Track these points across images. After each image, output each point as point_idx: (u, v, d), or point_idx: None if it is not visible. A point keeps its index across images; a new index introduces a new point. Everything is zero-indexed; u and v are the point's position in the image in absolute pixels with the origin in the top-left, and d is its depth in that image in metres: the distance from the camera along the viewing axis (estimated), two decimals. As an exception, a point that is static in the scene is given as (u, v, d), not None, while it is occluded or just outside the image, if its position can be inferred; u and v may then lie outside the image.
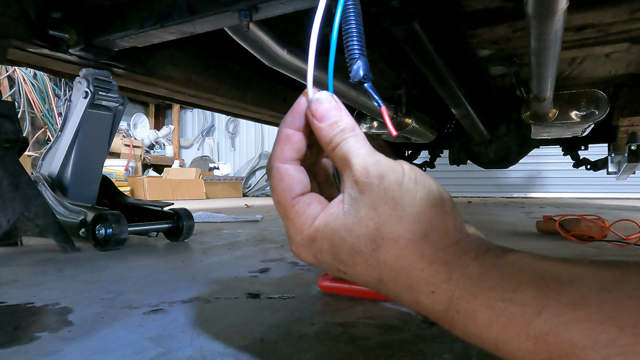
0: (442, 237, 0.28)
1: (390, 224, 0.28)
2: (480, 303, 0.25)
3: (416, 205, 0.28)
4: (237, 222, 2.41)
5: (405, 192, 0.28)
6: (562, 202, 5.21)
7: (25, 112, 5.00)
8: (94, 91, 1.38)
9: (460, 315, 0.26)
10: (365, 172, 0.29)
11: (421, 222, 0.28)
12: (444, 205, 0.29)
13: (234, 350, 0.58)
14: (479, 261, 0.27)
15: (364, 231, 0.28)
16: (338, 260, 0.30)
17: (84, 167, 1.53)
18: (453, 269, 0.27)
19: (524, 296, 0.24)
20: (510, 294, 0.24)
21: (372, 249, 0.28)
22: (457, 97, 1.57)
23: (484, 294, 0.25)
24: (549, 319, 0.23)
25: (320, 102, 0.32)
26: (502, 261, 0.26)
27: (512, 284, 0.25)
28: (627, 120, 1.93)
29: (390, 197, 0.28)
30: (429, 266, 0.27)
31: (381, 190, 0.28)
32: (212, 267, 1.14)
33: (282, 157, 0.32)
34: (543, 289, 0.24)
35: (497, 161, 2.48)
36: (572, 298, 0.23)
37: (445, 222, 0.28)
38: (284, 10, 0.91)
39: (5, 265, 1.16)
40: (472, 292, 0.26)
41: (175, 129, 8.73)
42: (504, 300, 0.24)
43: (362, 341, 0.61)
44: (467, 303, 0.26)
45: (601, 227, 1.62)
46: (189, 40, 1.50)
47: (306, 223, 0.31)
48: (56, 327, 0.68)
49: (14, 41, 1.12)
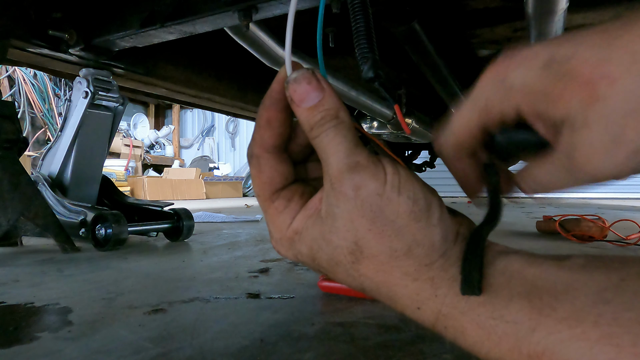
0: (427, 252, 0.25)
1: (369, 239, 0.25)
2: (469, 320, 0.24)
3: (398, 219, 0.25)
4: (237, 222, 2.41)
5: (386, 203, 0.25)
6: (562, 202, 5.21)
7: (25, 112, 5.00)
8: (94, 91, 1.38)
9: (449, 331, 0.25)
10: (340, 179, 0.25)
11: (404, 238, 0.25)
12: (430, 216, 0.26)
13: (234, 350, 0.58)
14: None
15: (342, 243, 0.26)
16: (318, 265, 0.28)
17: (84, 167, 1.53)
18: (439, 286, 0.25)
19: (515, 312, 0.22)
20: (501, 310, 0.23)
21: (352, 262, 0.26)
22: (458, 97, 1.57)
23: (473, 310, 0.24)
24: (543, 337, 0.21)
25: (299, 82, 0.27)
26: (492, 270, 0.24)
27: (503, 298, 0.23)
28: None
29: (368, 210, 0.25)
30: (412, 283, 0.25)
31: (358, 202, 0.25)
32: (212, 267, 1.14)
33: (263, 144, 0.29)
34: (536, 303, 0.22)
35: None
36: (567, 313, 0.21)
37: (430, 235, 0.25)
38: (284, 10, 0.91)
39: (5, 265, 1.16)
40: (460, 309, 0.24)
41: (175, 129, 8.73)
42: (495, 318, 0.23)
43: (362, 341, 0.61)
44: (455, 320, 0.24)
45: (601, 227, 1.62)
46: (189, 40, 1.50)
47: (285, 222, 0.28)
48: (56, 327, 0.68)
49: (14, 41, 1.12)
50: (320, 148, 0.26)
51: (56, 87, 5.32)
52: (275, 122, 0.29)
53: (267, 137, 0.28)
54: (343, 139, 0.26)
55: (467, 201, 5.29)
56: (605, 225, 1.62)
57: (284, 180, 0.29)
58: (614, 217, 2.25)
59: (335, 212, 0.26)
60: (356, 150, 0.26)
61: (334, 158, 0.26)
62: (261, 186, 0.29)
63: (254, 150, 0.29)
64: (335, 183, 0.26)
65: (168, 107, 9.07)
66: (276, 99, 0.29)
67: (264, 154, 0.29)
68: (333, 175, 0.26)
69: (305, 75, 0.27)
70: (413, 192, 0.25)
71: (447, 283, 0.25)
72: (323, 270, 0.28)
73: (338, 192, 0.25)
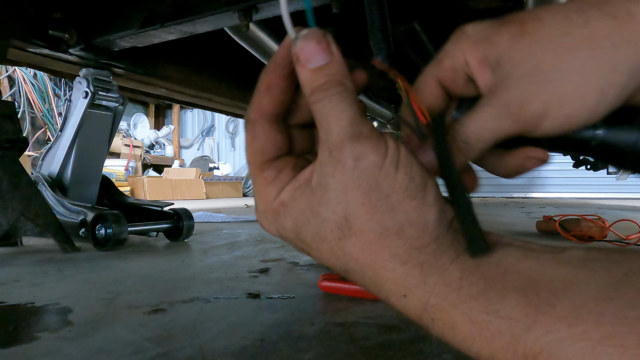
0: (420, 233, 0.24)
1: (361, 214, 0.24)
2: (460, 314, 0.22)
3: (393, 194, 0.24)
4: (237, 222, 2.41)
5: (383, 177, 0.24)
6: (562, 202, 5.21)
7: (25, 112, 5.00)
8: (94, 91, 1.38)
9: (437, 324, 0.23)
10: (341, 147, 0.24)
11: (396, 215, 0.24)
12: (426, 196, 0.24)
13: (234, 350, 0.58)
14: (459, 262, 0.23)
15: (330, 216, 0.24)
16: (301, 241, 0.27)
17: (84, 167, 1.53)
18: (428, 272, 0.23)
19: (511, 307, 0.21)
20: (495, 305, 0.21)
21: (338, 238, 0.25)
22: (457, 97, 1.57)
23: (464, 303, 0.22)
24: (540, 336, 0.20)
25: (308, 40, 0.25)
26: (486, 262, 0.23)
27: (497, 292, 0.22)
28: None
29: (365, 183, 0.24)
30: (400, 267, 0.24)
31: (355, 173, 0.24)
32: (212, 267, 1.14)
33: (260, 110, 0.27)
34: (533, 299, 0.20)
35: (497, 161, 2.48)
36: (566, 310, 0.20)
37: (424, 215, 0.24)
38: (284, 10, 0.91)
39: (5, 265, 1.16)
40: (451, 301, 0.22)
41: (175, 129, 8.73)
42: (488, 313, 0.21)
43: (362, 341, 0.61)
44: (444, 313, 0.23)
45: (601, 227, 1.62)
46: (189, 40, 1.50)
47: (272, 194, 0.27)
48: (56, 327, 0.68)
49: (14, 41, 1.12)
50: (321, 114, 0.25)
51: (56, 87, 5.32)
52: (275, 88, 0.28)
53: (265, 102, 0.27)
54: (348, 106, 0.25)
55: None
56: (605, 225, 1.62)
57: (277, 150, 0.28)
58: (614, 217, 2.26)
59: (328, 183, 0.24)
60: (360, 119, 0.25)
61: (336, 125, 0.24)
62: (253, 153, 0.28)
63: (250, 114, 0.28)
64: (335, 151, 0.24)
65: (168, 107, 9.07)
66: (279, 64, 0.27)
67: (260, 120, 0.28)
68: (333, 143, 0.24)
69: (316, 34, 0.25)
70: (410, 169, 0.24)
71: (438, 271, 0.23)
72: (306, 248, 0.27)
73: (336, 161, 0.24)
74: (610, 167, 2.43)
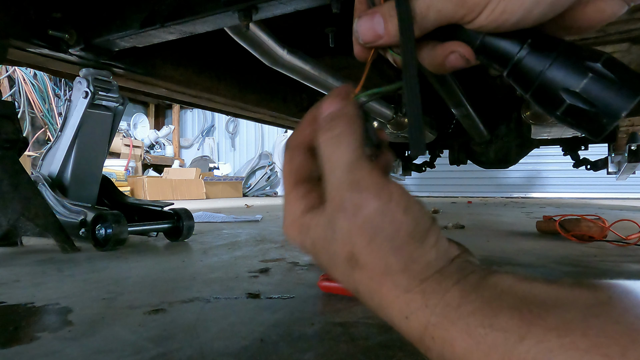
0: (423, 269, 0.26)
1: (366, 254, 0.26)
2: (458, 330, 0.24)
3: (398, 238, 0.26)
4: (237, 222, 2.41)
5: (389, 223, 0.26)
6: (562, 202, 5.21)
7: (25, 112, 5.01)
8: (94, 91, 1.38)
9: (437, 343, 0.25)
10: (341, 196, 0.26)
11: (400, 256, 0.26)
12: (429, 237, 0.26)
13: (234, 350, 0.58)
14: (459, 285, 0.25)
15: (340, 251, 0.27)
16: (318, 261, 0.30)
17: (84, 167, 1.53)
18: (430, 297, 0.25)
19: (505, 321, 0.23)
20: (491, 319, 0.23)
21: (348, 268, 0.28)
22: (457, 97, 1.57)
23: (462, 319, 0.24)
24: (532, 345, 0.21)
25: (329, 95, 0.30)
26: (484, 284, 0.25)
27: (493, 309, 0.23)
28: (627, 120, 1.93)
29: (369, 228, 0.26)
30: (403, 294, 0.26)
31: (357, 220, 0.26)
32: (212, 267, 1.14)
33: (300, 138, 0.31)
34: (526, 314, 0.22)
35: (497, 161, 2.48)
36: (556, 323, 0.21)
37: (426, 254, 0.26)
38: (284, 10, 0.91)
39: (5, 265, 1.16)
40: (450, 319, 0.24)
41: (175, 129, 8.73)
42: (484, 326, 0.23)
43: (362, 341, 0.61)
44: (444, 330, 0.24)
45: (601, 227, 1.62)
46: (189, 40, 1.50)
47: (298, 209, 0.30)
48: (56, 327, 0.68)
49: (14, 41, 1.12)
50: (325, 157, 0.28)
51: (56, 87, 5.32)
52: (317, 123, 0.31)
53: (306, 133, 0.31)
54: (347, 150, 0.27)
55: (467, 201, 5.29)
56: (605, 225, 1.62)
57: (309, 173, 0.31)
58: (614, 217, 2.25)
59: (335, 225, 0.27)
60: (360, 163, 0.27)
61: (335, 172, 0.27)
62: (289, 172, 0.31)
63: (291, 142, 0.32)
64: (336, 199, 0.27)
65: (168, 107, 9.08)
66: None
67: (298, 148, 0.31)
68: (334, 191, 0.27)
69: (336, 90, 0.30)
70: (418, 214, 0.26)
71: (439, 294, 0.25)
72: (322, 267, 0.30)
73: (339, 208, 0.27)
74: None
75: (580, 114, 0.27)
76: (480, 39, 0.29)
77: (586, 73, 0.27)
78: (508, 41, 0.29)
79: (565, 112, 0.28)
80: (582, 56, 0.27)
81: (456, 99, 1.60)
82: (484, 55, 0.30)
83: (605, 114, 0.27)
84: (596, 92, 0.27)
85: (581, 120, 0.28)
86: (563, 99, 0.27)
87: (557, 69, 0.27)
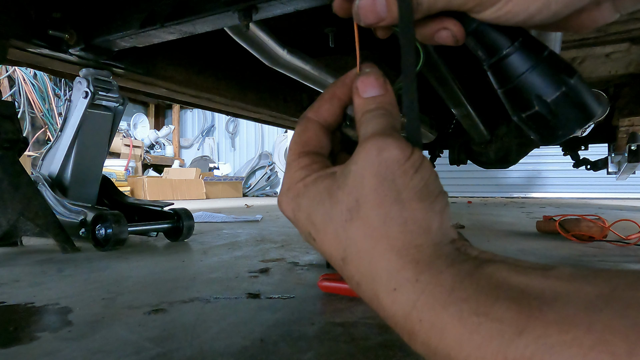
0: (421, 232, 0.25)
1: (370, 200, 0.26)
2: (450, 315, 0.22)
3: (405, 191, 0.25)
4: (237, 222, 2.41)
5: (400, 174, 0.26)
6: (562, 202, 5.21)
7: (25, 112, 5.01)
8: (94, 91, 1.38)
9: (424, 326, 0.23)
10: (371, 140, 0.27)
11: (403, 209, 0.25)
12: (435, 202, 0.26)
13: (234, 350, 0.58)
14: (454, 269, 0.24)
15: (344, 199, 0.27)
16: (311, 222, 0.29)
17: (84, 167, 1.53)
18: (423, 270, 0.24)
19: (502, 312, 0.21)
20: (486, 308, 0.21)
21: (345, 220, 0.26)
22: (457, 97, 1.57)
23: (455, 305, 0.22)
24: (531, 341, 0.19)
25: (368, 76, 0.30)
26: (480, 272, 0.23)
27: (489, 297, 0.22)
28: (627, 120, 1.93)
29: (383, 172, 0.26)
30: (395, 258, 0.25)
31: (376, 161, 0.26)
32: (212, 267, 1.14)
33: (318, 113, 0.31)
34: (524, 306, 0.21)
35: (497, 161, 2.48)
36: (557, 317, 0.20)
37: (429, 219, 0.25)
38: (284, 10, 0.91)
39: (5, 265, 1.16)
40: (442, 302, 0.23)
41: (175, 129, 8.73)
42: (479, 315, 0.21)
43: (362, 341, 0.61)
44: (434, 313, 0.23)
45: (601, 227, 1.62)
46: (189, 40, 1.50)
47: (299, 176, 0.30)
48: (56, 327, 0.68)
49: (14, 41, 1.12)
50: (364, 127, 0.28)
51: (56, 87, 5.32)
52: (337, 100, 0.32)
53: (324, 109, 0.31)
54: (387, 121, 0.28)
55: (467, 201, 5.29)
56: (605, 225, 1.62)
57: (318, 148, 0.31)
58: (614, 217, 2.26)
59: (350, 169, 0.27)
60: (395, 131, 0.28)
61: (373, 127, 0.28)
62: (298, 142, 0.31)
63: (307, 113, 0.32)
64: (365, 142, 0.27)
65: (168, 107, 9.08)
66: (346, 83, 0.32)
67: (314, 119, 0.31)
68: (365, 137, 0.27)
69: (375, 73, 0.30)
70: (428, 177, 0.26)
71: (432, 272, 0.24)
72: (313, 230, 0.29)
73: (363, 149, 0.27)
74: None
75: (541, 122, 0.29)
76: (476, 24, 0.30)
77: (560, 86, 0.28)
78: (501, 35, 0.29)
79: (530, 116, 0.29)
80: (560, 68, 0.28)
81: (456, 99, 1.59)
82: (473, 40, 0.30)
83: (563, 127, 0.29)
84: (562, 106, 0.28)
85: (539, 127, 0.29)
86: (533, 105, 0.29)
87: (536, 75, 0.28)
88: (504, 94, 0.30)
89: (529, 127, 0.30)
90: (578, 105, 0.28)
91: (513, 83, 0.29)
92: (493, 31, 0.29)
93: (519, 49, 0.29)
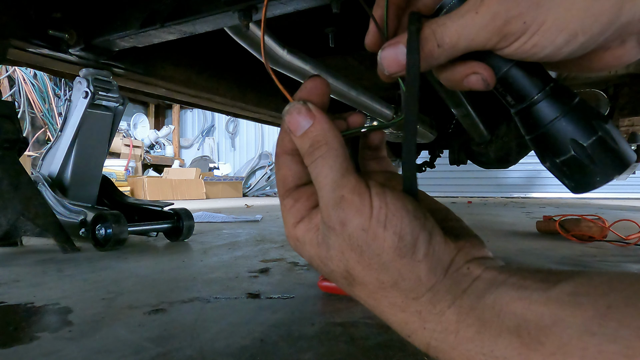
0: (413, 286, 0.26)
1: (359, 270, 0.27)
2: (459, 355, 0.24)
3: (384, 254, 0.26)
4: (237, 222, 2.41)
5: (372, 239, 0.26)
6: (562, 202, 5.21)
7: (25, 112, 5.01)
8: (94, 91, 1.38)
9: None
10: (328, 214, 0.27)
11: (390, 272, 0.26)
12: (416, 252, 0.26)
13: (234, 350, 0.58)
14: (456, 307, 0.25)
15: (336, 268, 0.28)
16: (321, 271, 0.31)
17: (84, 167, 1.53)
18: (427, 319, 0.26)
19: (504, 347, 0.23)
20: (490, 346, 0.23)
21: (346, 285, 0.29)
22: (457, 97, 1.57)
23: (462, 345, 0.24)
24: None
25: (290, 113, 0.29)
26: (482, 304, 0.25)
27: (492, 333, 0.24)
28: (627, 120, 1.93)
29: (356, 245, 0.26)
30: (400, 313, 0.27)
31: (345, 237, 0.26)
32: (212, 267, 1.14)
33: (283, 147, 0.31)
34: (525, 338, 0.22)
35: (497, 161, 2.48)
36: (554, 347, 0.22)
37: (416, 271, 0.26)
38: (284, 10, 0.91)
39: (5, 265, 1.16)
40: (450, 343, 0.25)
41: (175, 129, 8.73)
42: (484, 353, 0.23)
43: (362, 341, 0.61)
44: (445, 354, 0.25)
45: (601, 227, 1.62)
46: (189, 40, 1.50)
47: (290, 221, 0.30)
48: (56, 327, 0.68)
49: (14, 41, 1.12)
50: (313, 177, 0.28)
51: (56, 87, 5.32)
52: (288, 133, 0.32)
53: (286, 141, 0.31)
54: (329, 170, 0.27)
55: (467, 201, 5.29)
56: (605, 225, 1.62)
57: (297, 180, 0.31)
58: (614, 217, 2.25)
59: (328, 243, 0.27)
60: (342, 181, 0.27)
61: (323, 193, 0.27)
62: (278, 182, 0.32)
63: (277, 150, 0.32)
64: (325, 217, 0.27)
65: (168, 107, 9.08)
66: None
67: (283, 155, 0.31)
68: (322, 210, 0.27)
69: (295, 107, 0.29)
70: (400, 227, 0.26)
71: (436, 317, 0.25)
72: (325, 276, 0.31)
73: (328, 226, 0.27)
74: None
75: (578, 167, 0.28)
76: (507, 68, 0.28)
77: (596, 131, 0.27)
78: (532, 80, 0.28)
79: (565, 161, 0.28)
80: (592, 114, 0.28)
81: (456, 99, 1.59)
82: (502, 86, 0.29)
83: (601, 173, 0.28)
84: (599, 150, 0.27)
85: (575, 173, 0.28)
86: (569, 149, 0.28)
87: (568, 121, 0.28)
88: (534, 140, 0.29)
89: (563, 174, 0.29)
90: (614, 150, 0.27)
91: (545, 128, 0.28)
92: (524, 76, 0.28)
93: (549, 95, 0.28)
